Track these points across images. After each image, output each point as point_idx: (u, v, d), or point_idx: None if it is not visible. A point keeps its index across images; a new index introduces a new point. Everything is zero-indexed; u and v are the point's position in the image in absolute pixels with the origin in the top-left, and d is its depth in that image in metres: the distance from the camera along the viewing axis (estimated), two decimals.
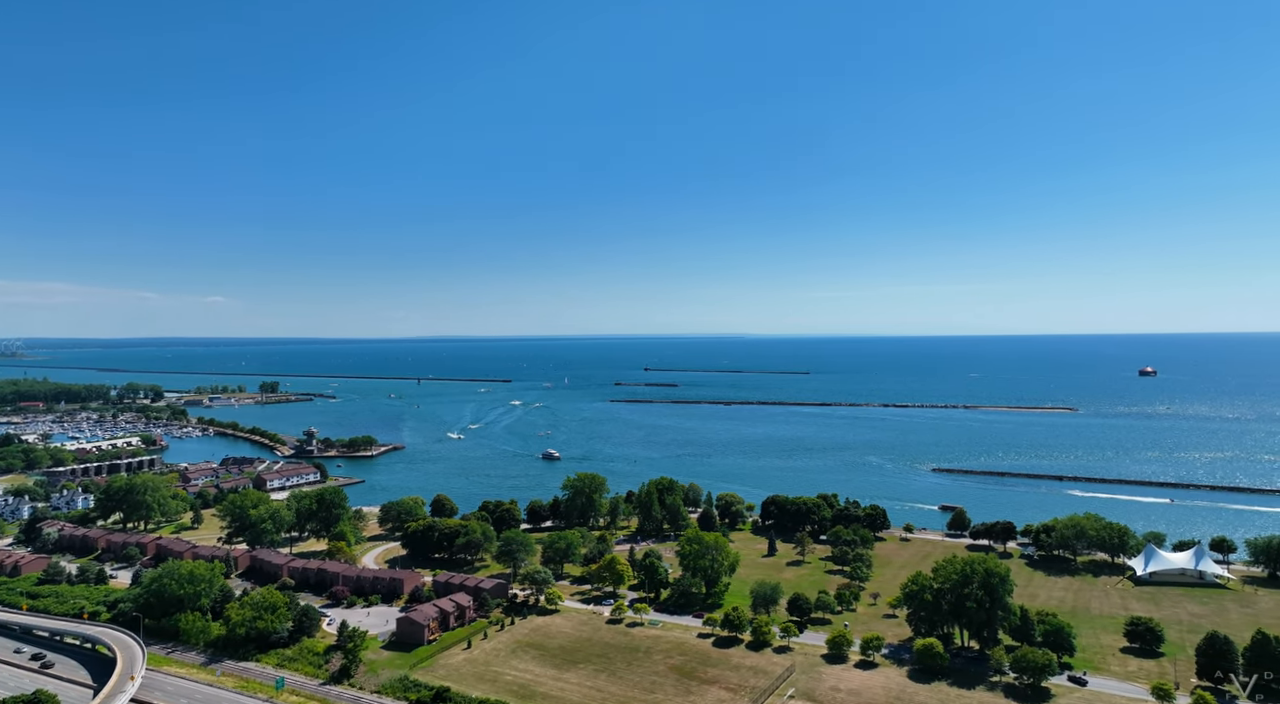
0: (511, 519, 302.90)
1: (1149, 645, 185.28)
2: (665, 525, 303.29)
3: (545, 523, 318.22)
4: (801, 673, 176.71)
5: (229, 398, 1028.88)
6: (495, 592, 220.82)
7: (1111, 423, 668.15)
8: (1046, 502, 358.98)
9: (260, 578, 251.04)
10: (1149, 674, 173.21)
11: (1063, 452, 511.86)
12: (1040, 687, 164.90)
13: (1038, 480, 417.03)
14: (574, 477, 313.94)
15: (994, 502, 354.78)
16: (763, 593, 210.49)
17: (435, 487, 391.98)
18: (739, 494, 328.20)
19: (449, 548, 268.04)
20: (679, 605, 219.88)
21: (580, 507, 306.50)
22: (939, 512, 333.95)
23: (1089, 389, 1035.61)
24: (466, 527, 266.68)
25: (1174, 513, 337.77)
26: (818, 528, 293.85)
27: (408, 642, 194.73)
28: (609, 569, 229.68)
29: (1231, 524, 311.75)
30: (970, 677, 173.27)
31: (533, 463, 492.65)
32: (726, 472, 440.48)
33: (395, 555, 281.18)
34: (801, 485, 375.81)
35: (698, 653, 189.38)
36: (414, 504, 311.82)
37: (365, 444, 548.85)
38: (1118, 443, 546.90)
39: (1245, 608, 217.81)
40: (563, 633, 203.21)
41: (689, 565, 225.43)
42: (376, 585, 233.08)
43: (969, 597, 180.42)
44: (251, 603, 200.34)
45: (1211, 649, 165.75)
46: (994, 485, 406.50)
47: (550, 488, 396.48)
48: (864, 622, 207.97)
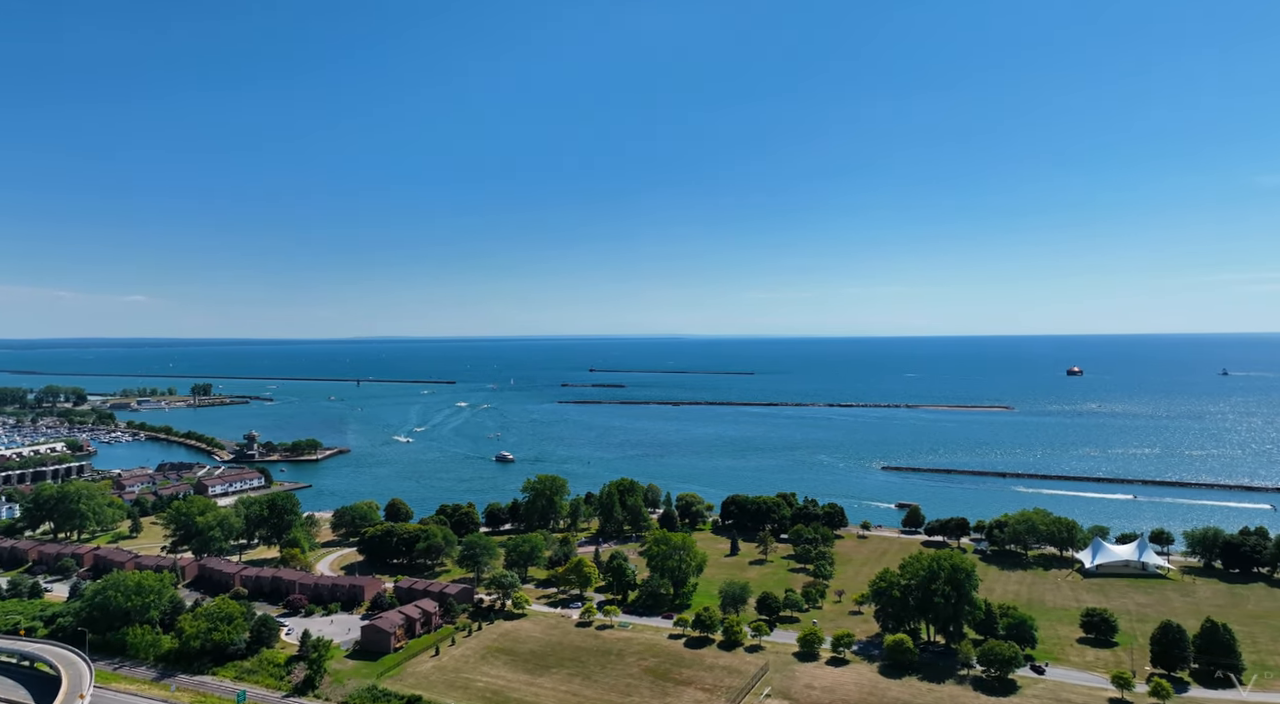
0: (470, 523, 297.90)
1: (1104, 636, 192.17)
2: (626, 527, 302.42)
3: (504, 526, 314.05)
4: (775, 671, 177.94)
5: (159, 401, 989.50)
6: (461, 597, 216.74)
7: (1046, 421, 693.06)
8: (993, 498, 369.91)
9: (210, 587, 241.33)
10: (1106, 663, 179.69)
11: (1003, 449, 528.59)
12: (1007, 679, 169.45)
13: (983, 477, 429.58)
14: (534, 479, 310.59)
15: (943, 498, 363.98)
16: (732, 592, 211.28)
17: (386, 490, 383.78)
18: (698, 494, 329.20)
19: (409, 553, 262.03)
20: (647, 607, 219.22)
21: (541, 509, 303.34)
22: (895, 509, 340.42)
23: (1022, 388, 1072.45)
24: (427, 531, 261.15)
25: (1113, 507, 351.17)
26: (778, 527, 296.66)
27: (373, 650, 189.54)
28: (576, 571, 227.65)
29: (1165, 517, 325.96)
30: (939, 671, 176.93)
31: (486, 465, 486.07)
32: (681, 472, 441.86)
33: (351, 562, 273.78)
34: (756, 484, 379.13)
35: (671, 654, 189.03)
36: (368, 509, 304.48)
37: (309, 448, 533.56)
38: (1054, 440, 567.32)
39: (1186, 597, 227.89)
40: (532, 637, 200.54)
41: (656, 566, 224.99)
42: (336, 593, 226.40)
43: (936, 592, 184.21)
44: (206, 614, 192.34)
45: (1165, 638, 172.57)
46: (941, 482, 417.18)
47: (506, 490, 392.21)
48: (831, 619, 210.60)
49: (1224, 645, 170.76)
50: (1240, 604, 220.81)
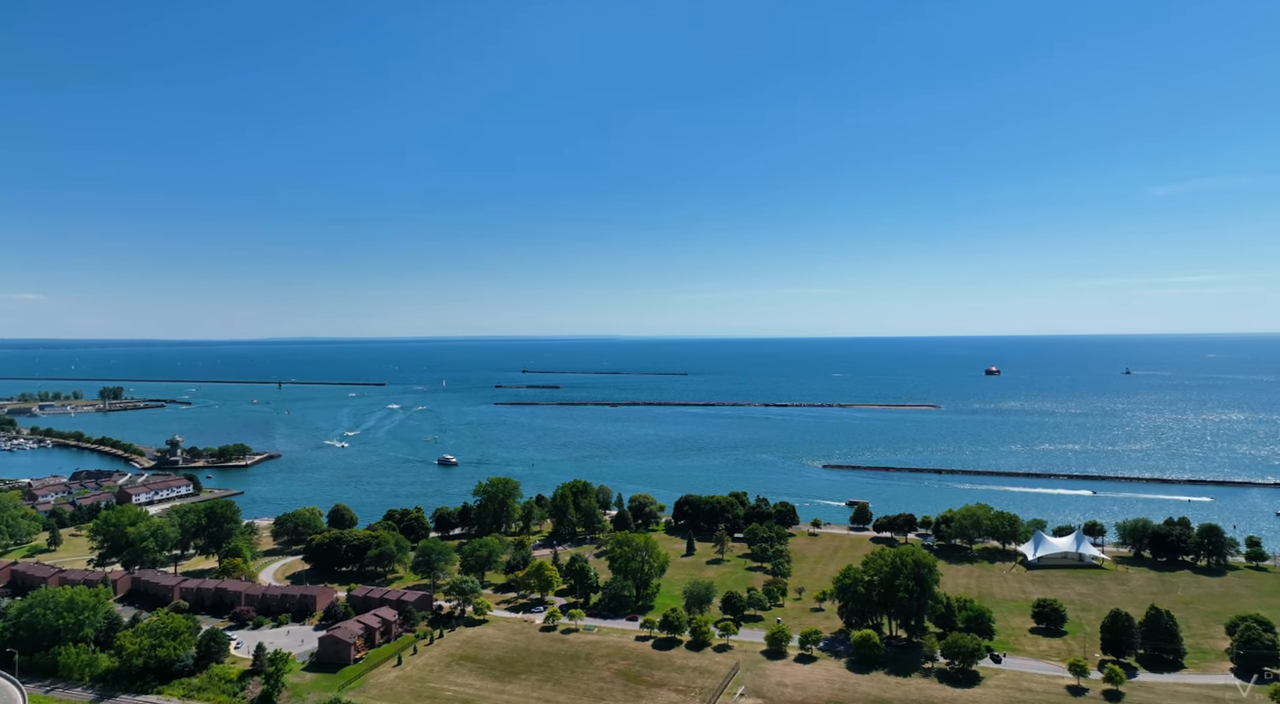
0: (420, 528, 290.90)
1: (1054, 625, 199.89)
2: (579, 529, 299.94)
3: (454, 530, 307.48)
4: (745, 670, 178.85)
5: (64, 405, 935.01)
6: (420, 604, 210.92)
7: (973, 419, 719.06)
8: (931, 494, 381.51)
9: (146, 602, 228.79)
10: (1059, 652, 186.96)
11: (935, 446, 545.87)
12: (970, 670, 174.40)
13: (920, 474, 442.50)
14: (485, 482, 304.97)
15: (885, 496, 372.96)
16: (696, 593, 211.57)
17: (324, 497, 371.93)
18: (650, 495, 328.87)
19: (359, 560, 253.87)
20: (610, 609, 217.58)
21: (493, 512, 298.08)
22: (845, 507, 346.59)
23: (946, 388, 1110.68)
24: (378, 537, 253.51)
25: (1045, 500, 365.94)
26: (731, 526, 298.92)
27: (333, 661, 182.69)
28: (536, 575, 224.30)
29: (1091, 509, 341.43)
30: (904, 664, 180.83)
31: (428, 469, 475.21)
32: (627, 472, 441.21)
33: (297, 571, 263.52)
34: (703, 484, 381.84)
35: (640, 656, 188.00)
36: (311, 515, 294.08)
37: (238, 453, 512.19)
38: (982, 437, 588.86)
39: (1121, 585, 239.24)
40: (496, 643, 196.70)
41: (619, 568, 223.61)
42: (285, 603, 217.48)
43: (901, 587, 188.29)
44: (149, 629, 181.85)
45: (1115, 625, 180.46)
46: (881, 480, 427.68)
47: (450, 494, 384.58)
48: (794, 616, 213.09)
49: (1167, 631, 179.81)
50: (1170, 591, 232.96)
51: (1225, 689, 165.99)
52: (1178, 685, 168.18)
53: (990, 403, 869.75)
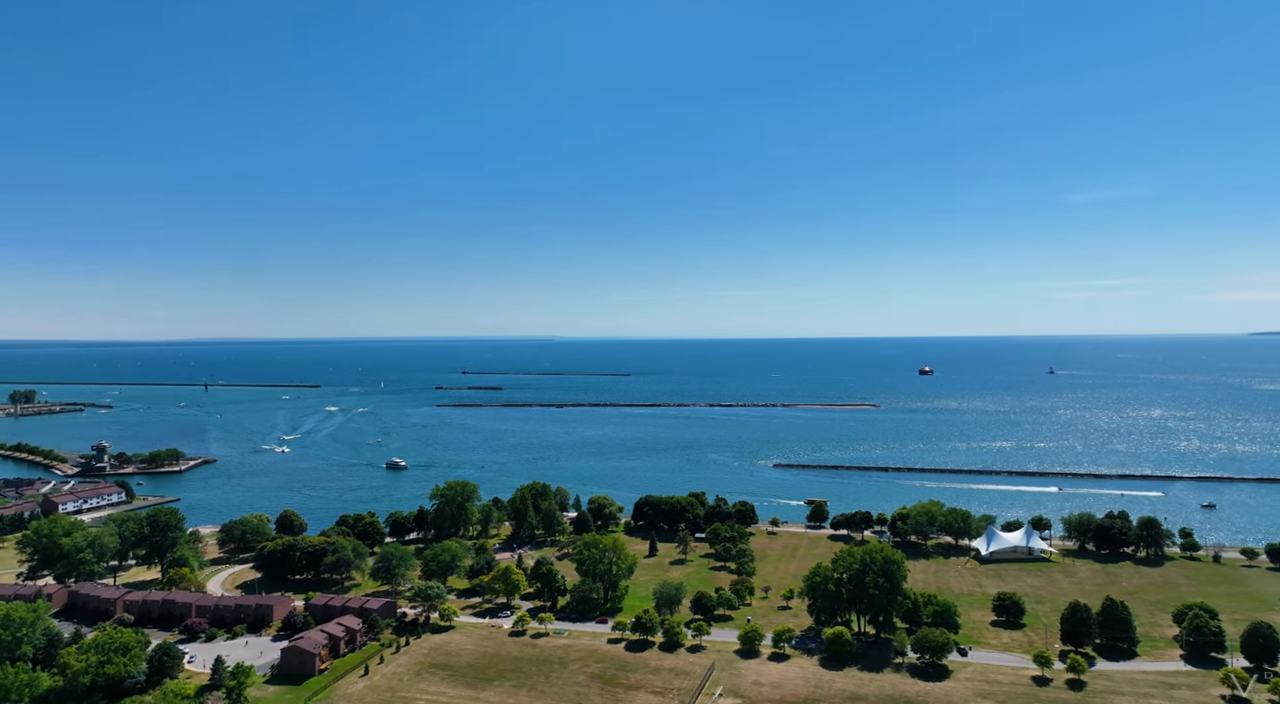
0: (375, 533, 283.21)
1: (1013, 618, 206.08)
2: (539, 531, 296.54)
3: (410, 535, 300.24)
4: (720, 670, 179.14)
5: None
6: (384, 611, 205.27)
7: (912, 417, 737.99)
8: (881, 491, 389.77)
9: (85, 616, 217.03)
10: (1020, 644, 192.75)
11: (879, 444, 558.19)
12: (939, 664, 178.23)
13: (868, 472, 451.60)
14: (443, 485, 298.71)
15: (835, 493, 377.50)
16: (666, 594, 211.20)
17: (265, 503, 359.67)
18: (607, 496, 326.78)
19: (314, 568, 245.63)
20: (579, 612, 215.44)
21: (451, 516, 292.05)
22: (804, 505, 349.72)
23: (883, 387, 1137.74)
24: (335, 543, 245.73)
25: (989, 496, 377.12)
26: (691, 526, 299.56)
27: (296, 673, 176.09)
28: (503, 579, 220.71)
29: (1032, 504, 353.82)
30: (875, 660, 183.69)
31: (375, 473, 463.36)
32: (580, 474, 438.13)
33: (246, 580, 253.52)
34: (657, 485, 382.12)
35: (614, 659, 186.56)
36: (259, 522, 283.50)
37: (171, 458, 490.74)
38: (923, 435, 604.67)
39: (1070, 578, 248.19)
40: (466, 650, 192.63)
41: (587, 570, 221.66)
42: (240, 614, 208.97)
43: (871, 584, 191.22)
44: (96, 645, 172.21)
45: (1074, 616, 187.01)
46: (831, 478, 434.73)
47: (401, 498, 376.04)
48: (761, 615, 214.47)
49: (1122, 621, 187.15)
50: (1115, 582, 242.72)
51: (1177, 675, 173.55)
52: (1134, 673, 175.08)
53: (927, 402, 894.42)
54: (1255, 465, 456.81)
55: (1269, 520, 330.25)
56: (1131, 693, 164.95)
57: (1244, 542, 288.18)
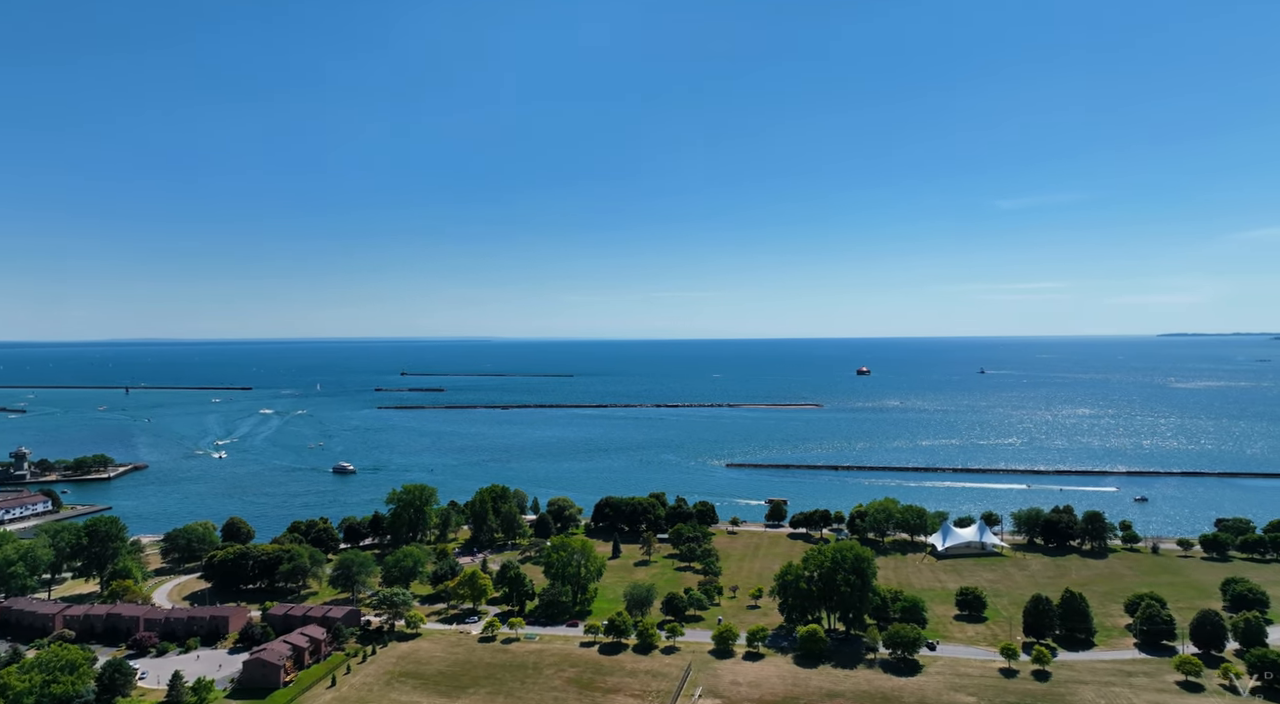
0: (329, 539, 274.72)
1: (976, 612, 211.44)
2: (498, 534, 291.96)
3: (365, 541, 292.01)
4: (697, 671, 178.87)
5: None
6: (348, 620, 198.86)
7: (855, 416, 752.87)
8: (832, 489, 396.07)
9: (20, 634, 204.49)
10: (985, 637, 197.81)
11: (826, 443, 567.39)
12: (910, 659, 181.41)
13: (818, 471, 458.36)
14: (400, 489, 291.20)
15: (788, 492, 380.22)
16: (637, 595, 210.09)
17: (206, 510, 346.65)
18: (567, 498, 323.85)
19: (269, 576, 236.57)
20: (548, 616, 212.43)
21: (409, 521, 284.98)
22: (764, 504, 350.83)
23: (824, 387, 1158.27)
24: (290, 551, 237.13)
25: (938, 493, 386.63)
26: (652, 526, 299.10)
27: (260, 686, 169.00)
28: (469, 584, 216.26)
29: (979, 500, 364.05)
30: (848, 657, 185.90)
31: (322, 478, 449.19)
32: (533, 476, 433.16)
33: (194, 591, 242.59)
34: (611, 486, 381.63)
35: (589, 663, 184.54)
36: (205, 530, 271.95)
37: (98, 465, 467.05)
38: (868, 433, 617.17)
39: (1022, 571, 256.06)
40: (436, 657, 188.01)
41: (556, 573, 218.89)
42: (193, 626, 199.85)
43: (842, 582, 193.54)
44: (40, 664, 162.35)
45: (1036, 609, 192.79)
46: (783, 477, 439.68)
47: (351, 503, 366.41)
48: (731, 615, 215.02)
49: (1080, 613, 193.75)
50: (1065, 574, 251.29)
51: (1134, 664, 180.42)
52: (1094, 663, 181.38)
53: (868, 401, 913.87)
54: (1179, 460, 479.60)
55: (1195, 512, 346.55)
56: (1094, 682, 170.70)
57: (1175, 533, 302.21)
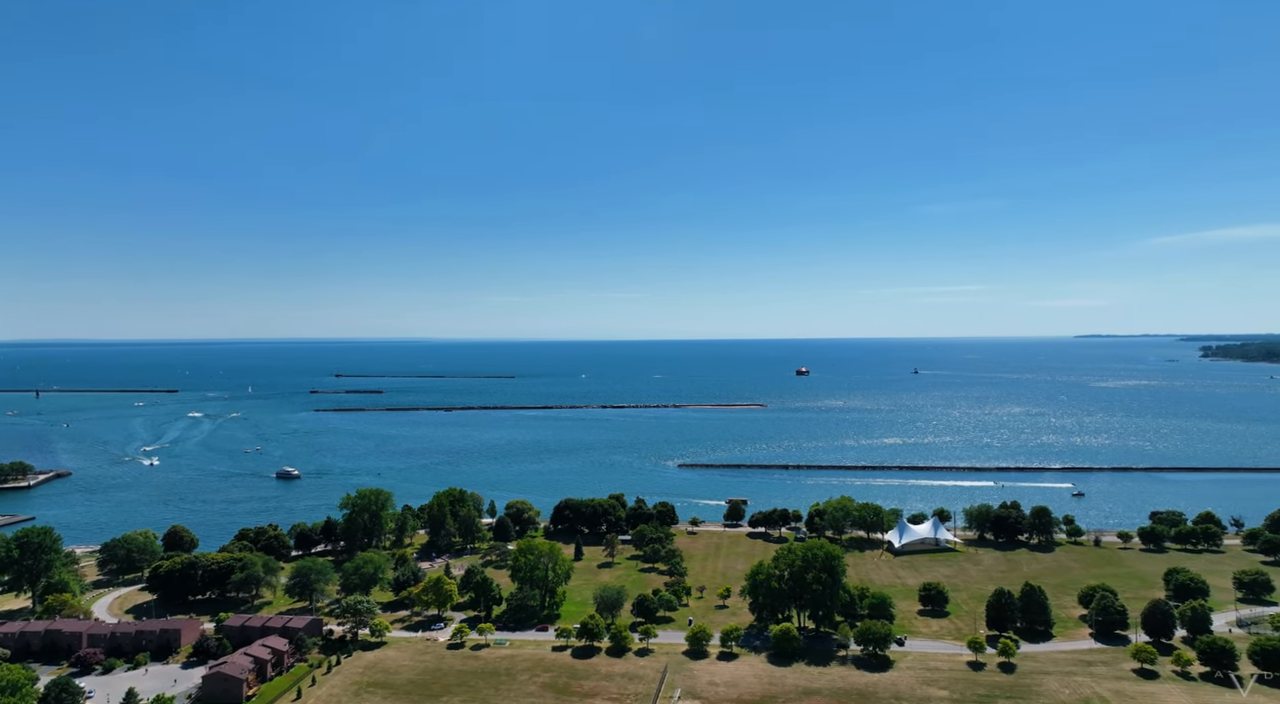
0: (280, 546, 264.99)
1: (938, 607, 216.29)
2: (456, 539, 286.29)
3: (317, 548, 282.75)
4: (673, 672, 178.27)
5: None
6: (310, 630, 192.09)
7: (799, 416, 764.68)
8: (785, 488, 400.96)
9: None
10: (949, 631, 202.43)
11: (774, 442, 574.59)
12: (881, 655, 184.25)
13: (769, 470, 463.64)
14: (354, 493, 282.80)
15: (742, 492, 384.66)
16: (607, 598, 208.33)
17: (141, 519, 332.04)
18: (525, 501, 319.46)
19: (219, 586, 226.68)
20: (516, 621, 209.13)
21: (364, 526, 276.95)
22: (724, 504, 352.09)
23: (766, 388, 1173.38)
24: (243, 559, 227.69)
25: (889, 491, 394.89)
26: (612, 527, 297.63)
27: (221, 701, 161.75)
28: (435, 590, 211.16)
29: (926, 497, 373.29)
30: (820, 655, 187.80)
31: (264, 483, 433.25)
32: (485, 478, 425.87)
33: (137, 603, 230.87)
34: (567, 487, 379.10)
35: (563, 667, 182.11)
36: (146, 539, 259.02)
37: (16, 472, 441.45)
38: (813, 433, 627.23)
39: (976, 566, 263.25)
40: (404, 666, 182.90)
41: (524, 577, 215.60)
42: (141, 641, 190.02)
43: (814, 580, 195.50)
44: None
45: (999, 603, 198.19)
46: (736, 476, 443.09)
47: (296, 509, 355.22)
48: (700, 615, 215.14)
49: (1040, 605, 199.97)
50: (1017, 568, 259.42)
51: (1092, 653, 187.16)
52: (1055, 654, 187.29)
53: (810, 401, 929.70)
54: (1108, 457, 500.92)
55: (1128, 506, 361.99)
56: (1056, 672, 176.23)
57: (1111, 527, 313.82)
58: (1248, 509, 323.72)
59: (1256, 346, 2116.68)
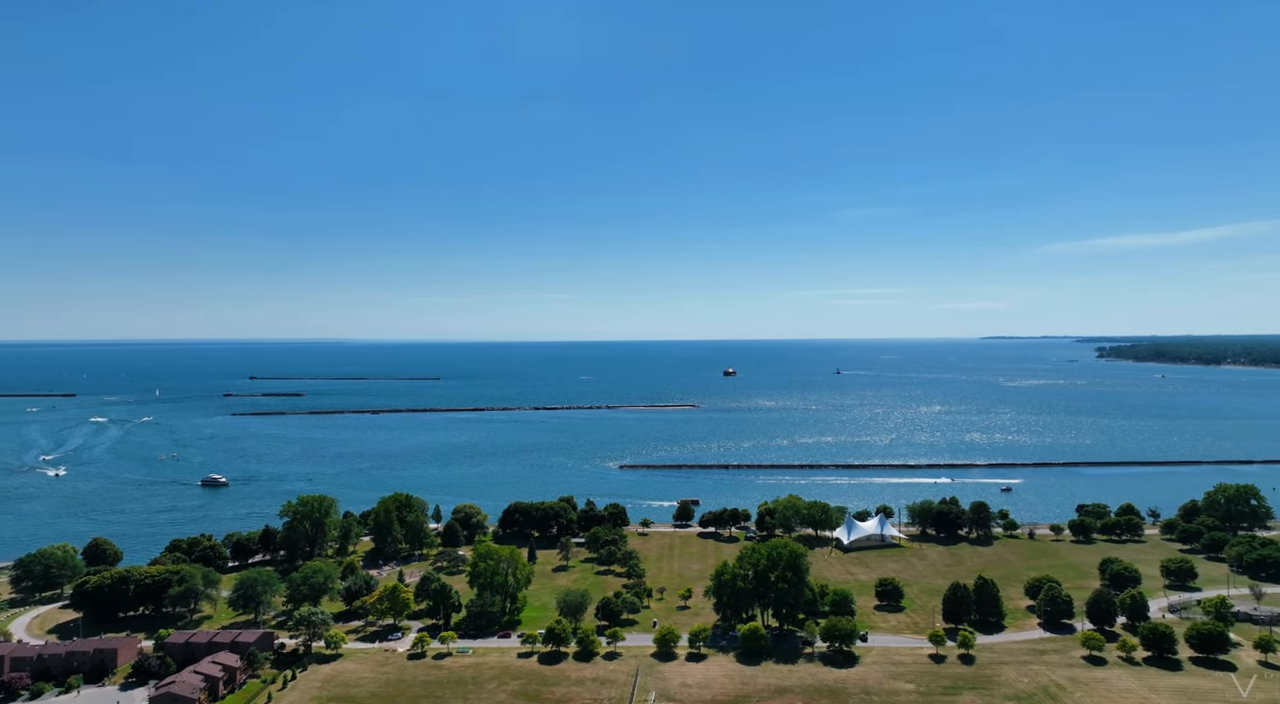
0: (217, 557, 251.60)
1: (894, 601, 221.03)
2: (403, 545, 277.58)
3: (255, 557, 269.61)
4: (644, 675, 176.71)
5: None
6: (261, 644, 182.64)
7: (732, 416, 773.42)
8: (727, 487, 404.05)
9: None
10: (907, 625, 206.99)
11: (711, 442, 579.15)
12: (846, 651, 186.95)
13: (710, 470, 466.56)
14: (295, 500, 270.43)
15: (688, 491, 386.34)
16: (571, 602, 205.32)
17: (53, 532, 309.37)
18: (474, 505, 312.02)
19: (153, 601, 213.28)
20: (477, 628, 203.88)
21: (305, 534, 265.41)
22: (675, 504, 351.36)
23: (696, 388, 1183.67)
24: (180, 572, 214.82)
25: (831, 488, 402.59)
26: (563, 530, 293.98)
27: None
28: (390, 598, 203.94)
29: (864, 494, 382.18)
30: (787, 653, 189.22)
31: (188, 491, 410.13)
32: (425, 483, 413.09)
33: (60, 622, 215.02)
34: (512, 490, 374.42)
35: (531, 674, 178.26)
36: (65, 554, 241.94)
37: None
38: (748, 432, 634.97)
39: (922, 561, 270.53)
40: (365, 679, 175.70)
41: (485, 582, 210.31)
42: (72, 662, 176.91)
43: (780, 578, 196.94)
44: None
45: (955, 596, 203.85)
46: (678, 477, 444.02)
47: (225, 518, 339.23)
48: (663, 616, 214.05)
49: (993, 598, 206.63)
50: (961, 562, 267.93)
51: (1043, 642, 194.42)
52: (1009, 644, 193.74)
53: (741, 401, 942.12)
54: (1029, 453, 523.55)
55: (1051, 499, 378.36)
56: (1013, 662, 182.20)
57: (1038, 520, 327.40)
58: (1161, 500, 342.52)
59: (1145, 347, 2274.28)
